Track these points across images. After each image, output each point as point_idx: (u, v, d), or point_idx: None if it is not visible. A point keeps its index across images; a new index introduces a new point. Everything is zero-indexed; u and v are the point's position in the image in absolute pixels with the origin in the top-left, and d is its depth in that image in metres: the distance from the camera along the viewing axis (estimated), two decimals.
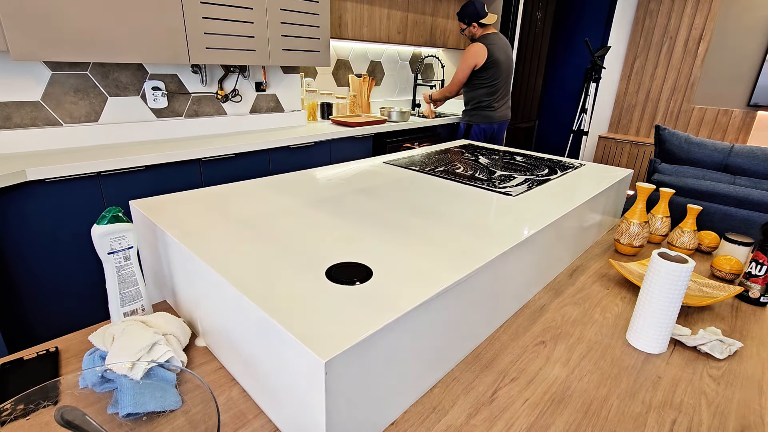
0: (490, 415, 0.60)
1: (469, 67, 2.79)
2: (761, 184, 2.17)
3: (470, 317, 0.70)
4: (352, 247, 0.71)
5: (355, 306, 0.54)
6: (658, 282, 0.71)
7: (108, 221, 0.68)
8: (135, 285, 0.73)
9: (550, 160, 1.48)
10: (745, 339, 0.80)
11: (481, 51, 2.75)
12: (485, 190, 1.08)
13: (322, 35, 2.37)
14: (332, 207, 0.91)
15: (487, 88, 2.86)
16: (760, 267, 0.88)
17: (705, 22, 4.00)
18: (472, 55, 2.76)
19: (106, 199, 1.66)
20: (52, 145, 1.81)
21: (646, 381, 0.68)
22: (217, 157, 1.96)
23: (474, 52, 2.76)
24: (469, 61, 2.78)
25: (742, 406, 0.63)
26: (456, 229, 0.81)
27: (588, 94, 3.88)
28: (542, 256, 0.90)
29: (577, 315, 0.85)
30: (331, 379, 0.46)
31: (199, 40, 1.87)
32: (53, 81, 1.77)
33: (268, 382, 0.56)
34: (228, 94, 2.33)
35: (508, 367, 0.70)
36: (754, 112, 3.92)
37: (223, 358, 0.68)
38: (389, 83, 3.55)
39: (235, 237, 0.74)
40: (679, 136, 2.55)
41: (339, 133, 2.47)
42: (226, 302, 0.61)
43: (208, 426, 0.48)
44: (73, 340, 0.73)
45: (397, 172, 1.23)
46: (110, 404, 0.54)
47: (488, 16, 2.80)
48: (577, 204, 1.00)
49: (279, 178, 1.14)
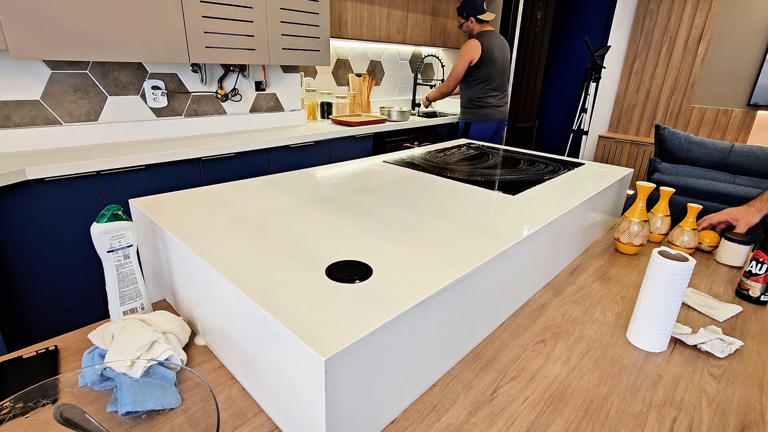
0: (490, 414, 0.60)
1: (466, 62, 2.80)
2: (761, 183, 2.17)
3: (470, 316, 0.70)
4: (351, 246, 0.71)
5: (355, 304, 0.54)
6: (658, 281, 0.70)
7: (107, 219, 0.68)
8: (134, 283, 0.73)
9: (550, 159, 1.48)
10: (746, 338, 0.80)
11: (476, 46, 2.77)
12: (485, 189, 1.08)
13: (322, 34, 2.37)
14: (332, 206, 0.91)
15: (483, 85, 2.87)
16: (761, 266, 0.88)
17: (705, 22, 3.99)
18: (468, 50, 2.78)
19: (105, 199, 1.66)
20: (51, 144, 1.81)
21: (646, 380, 0.67)
22: (216, 157, 1.96)
23: (469, 47, 2.78)
24: (465, 55, 2.80)
25: (742, 404, 0.63)
26: (456, 227, 0.81)
27: (588, 94, 3.88)
28: (542, 254, 0.90)
29: (578, 314, 0.85)
30: (331, 377, 0.46)
31: (198, 39, 1.87)
32: (53, 80, 1.77)
33: (268, 380, 0.56)
34: (228, 93, 2.33)
35: (508, 366, 0.70)
36: (754, 111, 3.92)
37: (222, 356, 0.68)
38: (389, 83, 3.55)
39: (235, 235, 0.74)
40: (679, 136, 2.55)
41: (339, 133, 2.47)
42: (226, 300, 0.61)
43: (208, 424, 0.48)
44: (72, 339, 0.73)
45: (396, 171, 1.23)
46: (110, 402, 0.54)
47: (487, 13, 2.81)
48: (577, 203, 0.99)
49: (279, 177, 1.14)
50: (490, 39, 2.79)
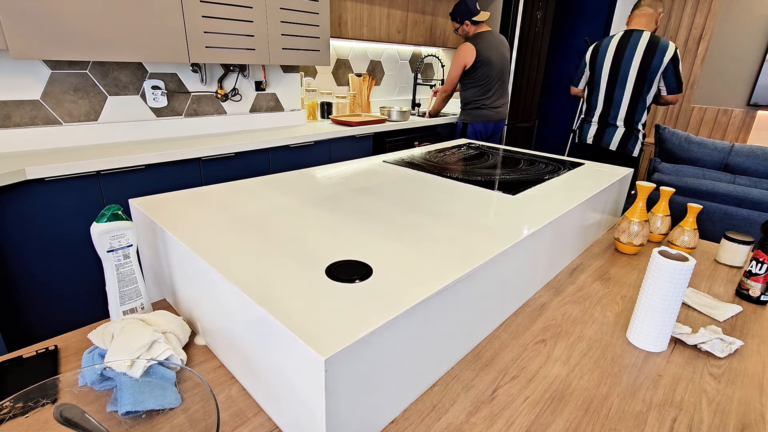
0: (491, 414, 0.60)
1: (460, 66, 2.79)
2: (761, 183, 2.17)
3: (470, 315, 0.70)
4: (351, 245, 0.71)
5: (355, 304, 0.54)
6: (658, 280, 0.70)
7: (107, 219, 0.68)
8: (134, 283, 0.73)
9: (550, 159, 1.48)
10: (746, 337, 0.80)
11: (470, 51, 2.74)
12: (485, 189, 1.08)
13: (322, 34, 2.37)
14: (332, 205, 0.91)
15: (479, 88, 2.86)
16: (761, 265, 0.88)
17: (705, 22, 3.99)
18: (461, 55, 2.77)
19: (105, 199, 1.66)
20: (51, 144, 1.81)
21: (646, 379, 0.67)
22: (216, 156, 1.96)
23: (463, 52, 2.76)
24: (459, 60, 2.78)
25: (742, 404, 0.63)
26: (456, 227, 0.81)
27: None
28: (542, 254, 0.90)
29: (578, 313, 0.85)
30: (331, 376, 0.46)
31: (198, 39, 1.87)
32: (53, 80, 1.77)
33: (268, 380, 0.56)
34: (228, 93, 2.33)
35: (509, 366, 0.70)
36: (754, 111, 3.92)
37: (222, 356, 0.68)
38: (389, 83, 3.55)
39: (235, 235, 0.74)
40: (679, 136, 2.55)
41: (339, 133, 2.47)
42: (226, 300, 0.61)
43: (208, 424, 0.48)
44: (72, 339, 0.73)
45: (396, 171, 1.23)
46: (109, 402, 0.54)
47: (481, 13, 2.78)
48: (577, 203, 0.99)
49: (279, 176, 1.14)
50: (485, 40, 2.77)
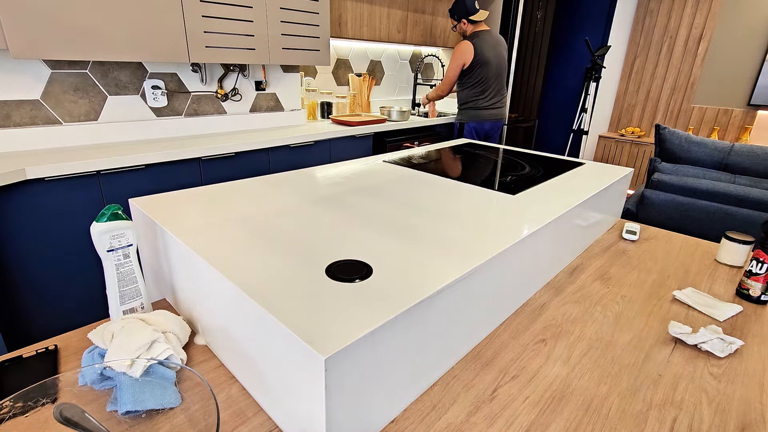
0: (491, 413, 0.60)
1: (458, 66, 2.78)
2: (761, 183, 2.17)
3: (470, 315, 0.70)
4: (352, 245, 0.71)
5: (355, 303, 0.54)
6: None
7: (107, 219, 0.68)
8: (134, 283, 0.73)
9: (550, 159, 1.48)
10: (746, 337, 0.80)
11: (468, 49, 2.73)
12: (485, 189, 1.08)
13: (322, 34, 2.37)
14: (332, 205, 0.91)
15: (476, 87, 2.85)
16: (761, 265, 0.88)
17: (705, 22, 3.99)
18: (460, 54, 2.75)
19: (105, 198, 1.66)
20: (51, 143, 1.81)
21: (646, 379, 0.67)
22: (216, 156, 1.96)
23: (461, 51, 2.75)
24: (457, 59, 2.77)
25: (743, 404, 0.63)
26: (455, 226, 0.81)
27: (588, 94, 3.87)
28: (542, 254, 0.90)
29: (578, 313, 0.85)
30: (331, 376, 0.46)
31: (198, 38, 1.87)
32: (53, 79, 1.77)
33: (268, 379, 0.56)
34: (228, 93, 2.33)
35: (509, 365, 0.69)
36: (754, 111, 3.92)
37: (222, 355, 0.68)
38: (389, 82, 3.55)
39: (235, 235, 0.74)
40: (679, 136, 2.55)
41: (339, 133, 2.47)
42: (226, 300, 0.61)
43: (208, 423, 0.48)
44: (72, 338, 0.73)
45: (396, 171, 1.23)
46: (109, 401, 0.54)
47: (479, 12, 2.76)
48: (577, 203, 0.99)
49: (279, 176, 1.14)
50: (483, 40, 2.76)
